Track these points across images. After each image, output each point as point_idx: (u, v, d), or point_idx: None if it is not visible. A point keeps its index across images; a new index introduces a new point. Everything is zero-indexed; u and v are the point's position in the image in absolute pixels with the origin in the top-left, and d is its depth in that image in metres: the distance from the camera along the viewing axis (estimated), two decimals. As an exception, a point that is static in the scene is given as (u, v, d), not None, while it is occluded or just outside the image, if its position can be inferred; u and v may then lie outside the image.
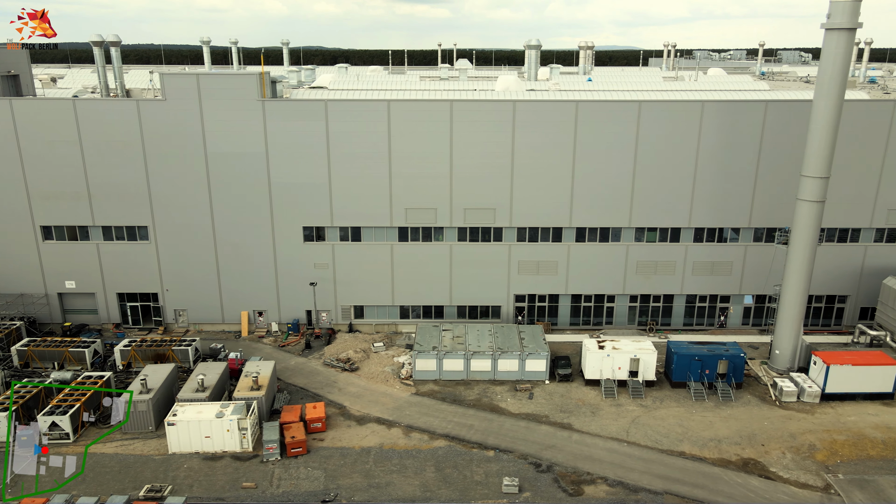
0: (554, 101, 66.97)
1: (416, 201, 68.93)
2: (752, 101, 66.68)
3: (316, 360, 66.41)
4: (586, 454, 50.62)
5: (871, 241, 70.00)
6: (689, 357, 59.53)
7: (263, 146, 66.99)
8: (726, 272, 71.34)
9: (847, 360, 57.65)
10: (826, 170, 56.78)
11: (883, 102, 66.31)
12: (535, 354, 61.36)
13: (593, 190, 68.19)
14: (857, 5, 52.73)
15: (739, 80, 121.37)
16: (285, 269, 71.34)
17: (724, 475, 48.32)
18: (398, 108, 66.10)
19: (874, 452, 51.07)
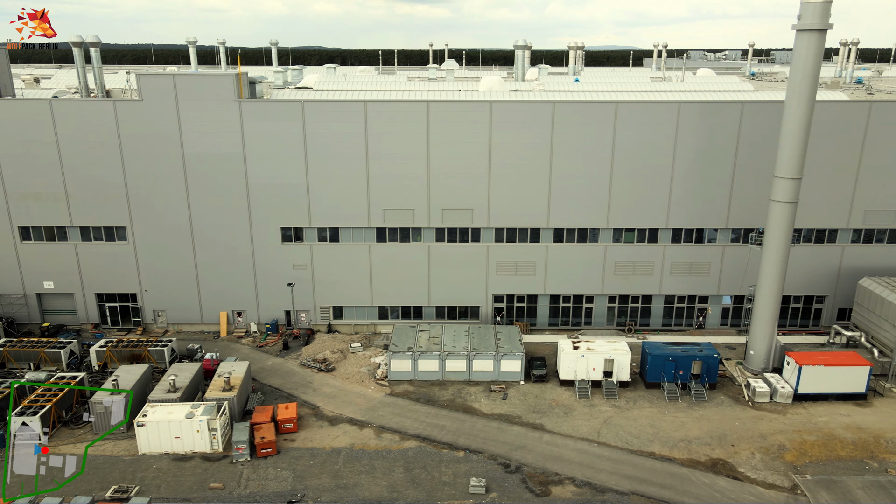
0: (530, 101, 67.05)
1: (394, 202, 68.99)
2: (728, 101, 66.81)
3: (293, 360, 66.46)
4: (556, 455, 50.69)
5: (848, 242, 70.13)
6: (663, 357, 59.62)
7: (241, 146, 67.03)
8: (704, 273, 71.45)
9: (819, 360, 57.77)
10: (798, 171, 56.88)
11: (858, 104, 66.45)
12: (510, 355, 61.44)
13: (571, 191, 68.27)
14: (828, 7, 52.81)
15: (726, 81, 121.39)
16: (264, 270, 71.38)
17: (691, 476, 48.42)
18: (375, 108, 66.17)
19: (843, 453, 51.18)
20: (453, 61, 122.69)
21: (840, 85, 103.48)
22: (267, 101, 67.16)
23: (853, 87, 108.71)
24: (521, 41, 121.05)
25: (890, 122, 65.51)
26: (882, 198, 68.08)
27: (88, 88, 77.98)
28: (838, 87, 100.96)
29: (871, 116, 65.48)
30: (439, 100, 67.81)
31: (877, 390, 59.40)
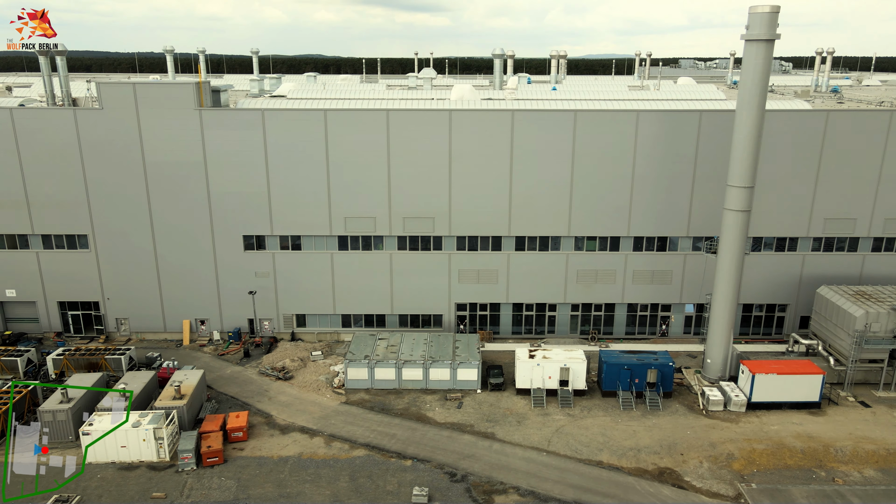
0: (489, 110, 67.32)
1: (355, 210, 69.11)
2: (686, 110, 67.15)
3: (252, 368, 66.37)
4: (504, 464, 50.59)
5: (808, 251, 70.30)
6: (619, 366, 59.62)
7: (202, 155, 67.16)
8: (666, 281, 71.54)
9: (773, 368, 57.79)
10: (750, 179, 57.10)
11: (815, 112, 66.78)
12: (467, 363, 61.41)
13: (531, 199, 68.43)
14: (775, 17, 53.17)
15: (703, 90, 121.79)
16: (226, 278, 71.38)
17: (637, 484, 48.34)
18: (335, 117, 66.38)
19: (792, 462, 51.14)
20: (431, 70, 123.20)
21: (810, 93, 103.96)
22: (227, 110, 67.38)
23: (826, 96, 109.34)
24: (499, 50, 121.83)
25: (846, 131, 65.81)
26: (841, 206, 68.29)
27: (55, 97, 78.17)
28: (808, 95, 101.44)
29: (828, 125, 65.79)
30: (399, 108, 68.05)
31: (831, 399, 59.40)
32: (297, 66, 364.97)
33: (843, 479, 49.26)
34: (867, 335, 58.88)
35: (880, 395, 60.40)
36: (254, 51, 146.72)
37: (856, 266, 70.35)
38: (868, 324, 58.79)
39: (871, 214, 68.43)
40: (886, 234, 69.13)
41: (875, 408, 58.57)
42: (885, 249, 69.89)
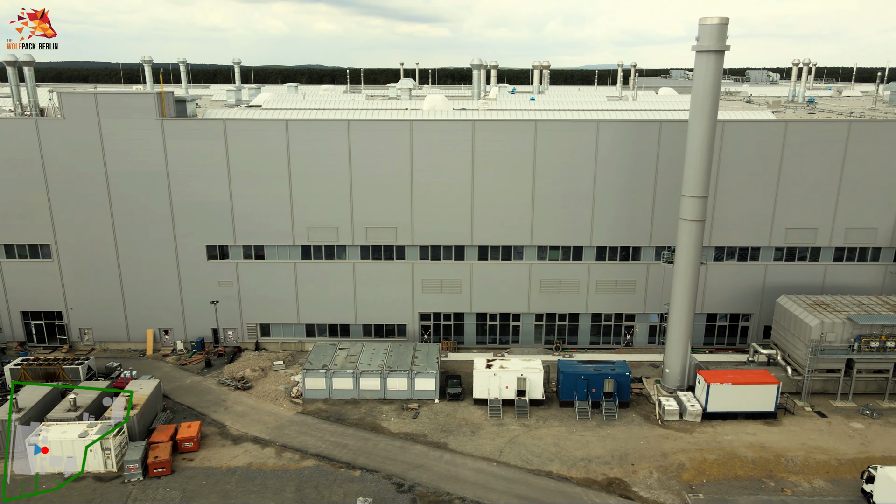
0: (450, 120, 67.69)
1: (318, 220, 69.18)
2: (647, 120, 67.42)
3: (212, 378, 66.18)
4: (452, 474, 50.39)
5: (771, 260, 70.44)
6: (575, 376, 59.52)
7: (164, 165, 67.29)
8: (630, 291, 71.57)
9: (728, 378, 57.74)
10: (703, 189, 57.28)
11: (775, 123, 67.11)
12: (424, 373, 61.29)
13: (493, 208, 68.56)
14: (724, 29, 53.55)
15: (681, 100, 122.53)
16: (189, 288, 71.32)
17: (584, 495, 48.16)
18: (296, 127, 66.61)
19: (742, 472, 50.98)
20: (410, 80, 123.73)
21: (781, 104, 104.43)
22: (189, 120, 67.58)
23: (800, 107, 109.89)
24: (478, 60, 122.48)
25: (805, 142, 66.14)
26: (802, 216, 68.47)
27: (24, 106, 78.43)
28: (780, 105, 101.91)
29: (787, 135, 66.12)
30: (359, 119, 68.28)
31: (788, 409, 59.32)
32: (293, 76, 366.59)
33: (792, 489, 49.10)
34: (822, 345, 58.89)
35: (838, 405, 60.31)
36: (235, 61, 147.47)
37: (818, 276, 70.47)
38: (823, 333, 58.81)
39: (831, 224, 68.64)
40: (848, 243, 69.31)
41: (831, 418, 58.48)
42: (846, 259, 70.03)
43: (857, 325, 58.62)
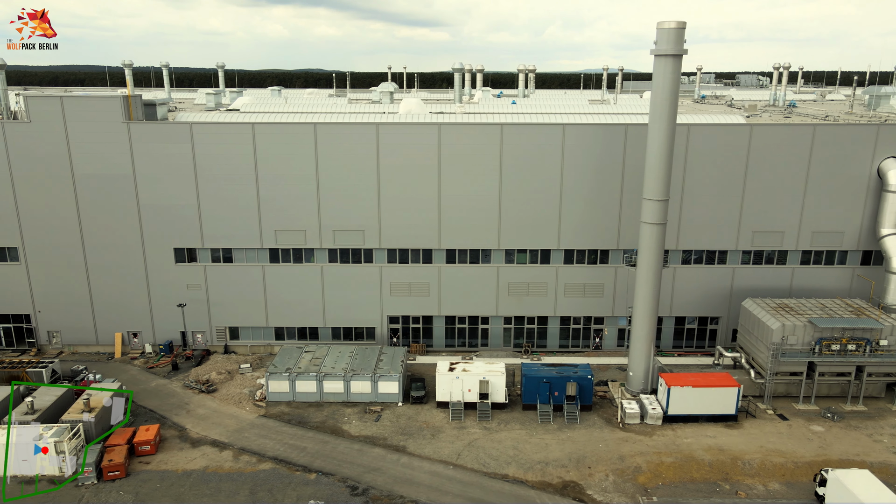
0: (416, 123, 67.76)
1: (285, 223, 69.23)
2: (613, 124, 67.55)
3: (178, 381, 66.10)
4: (408, 477, 50.35)
5: (738, 264, 70.54)
6: (538, 379, 59.54)
7: (131, 168, 67.33)
8: (598, 294, 71.65)
9: (689, 381, 57.79)
10: (664, 192, 57.40)
11: (740, 126, 67.31)
12: (388, 376, 61.28)
13: (460, 212, 68.64)
14: (681, 33, 53.73)
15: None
16: (158, 291, 71.29)
17: (538, 498, 48.14)
18: (262, 130, 66.70)
19: (698, 475, 50.99)
20: (391, 83, 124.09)
21: (758, 108, 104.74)
22: (155, 123, 67.61)
23: (776, 111, 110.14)
24: (458, 64, 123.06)
25: (770, 145, 66.32)
26: (768, 219, 68.63)
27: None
28: (756, 109, 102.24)
29: (753, 139, 66.31)
30: (326, 122, 68.30)
31: (750, 412, 59.36)
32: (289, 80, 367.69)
33: (747, 492, 49.12)
34: (784, 347, 58.99)
35: (800, 408, 60.37)
36: (219, 65, 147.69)
37: (785, 279, 70.59)
38: (785, 336, 58.91)
39: (798, 228, 68.79)
40: (814, 247, 69.46)
41: (792, 420, 58.53)
42: (813, 262, 70.18)
43: (817, 329, 58.73)
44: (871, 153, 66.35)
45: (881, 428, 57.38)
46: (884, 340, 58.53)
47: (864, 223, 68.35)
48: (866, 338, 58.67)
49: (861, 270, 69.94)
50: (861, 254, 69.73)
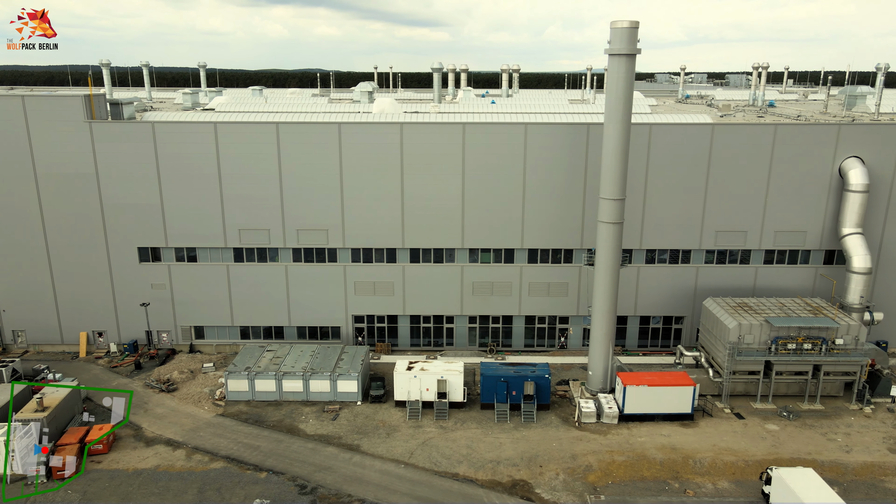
0: (378, 123, 67.78)
1: (249, 222, 69.24)
2: (574, 123, 67.60)
3: (139, 380, 66.09)
4: (358, 476, 50.39)
5: (702, 263, 70.62)
6: (495, 378, 59.57)
7: (93, 167, 67.33)
8: (563, 293, 71.71)
9: (645, 380, 57.86)
10: (620, 191, 57.46)
11: (702, 126, 67.37)
12: (346, 375, 61.31)
13: (424, 211, 68.67)
14: (634, 32, 53.79)
15: (642, 103, 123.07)
16: (122, 290, 71.28)
17: (485, 497, 48.18)
18: (225, 130, 66.72)
19: (648, 474, 51.06)
20: (369, 83, 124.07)
21: (731, 107, 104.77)
22: (117, 122, 67.62)
23: (749, 110, 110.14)
24: (438, 64, 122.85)
25: (732, 145, 66.41)
26: (731, 219, 68.71)
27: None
28: (730, 109, 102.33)
29: (714, 139, 66.40)
30: (288, 121, 68.35)
31: (706, 410, 59.44)
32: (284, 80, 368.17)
33: (696, 490, 49.21)
34: (740, 347, 59.07)
35: (757, 407, 60.47)
36: (201, 64, 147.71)
37: (749, 279, 70.69)
38: (741, 335, 58.99)
39: (761, 227, 68.88)
40: (777, 246, 69.56)
41: (748, 419, 58.62)
42: (776, 262, 70.28)
43: (773, 328, 58.82)
44: (832, 153, 66.47)
45: (836, 427, 57.49)
46: (840, 340, 58.64)
47: (826, 223, 68.48)
48: (822, 337, 58.77)
49: (824, 270, 70.07)
50: (824, 253, 69.86)
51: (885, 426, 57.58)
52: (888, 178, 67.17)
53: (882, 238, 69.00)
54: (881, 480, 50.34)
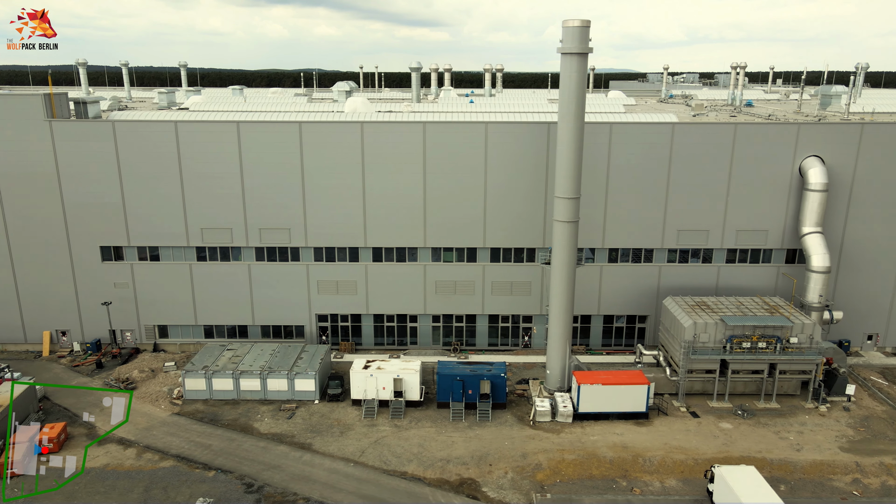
0: (339, 122, 67.76)
1: (211, 221, 69.17)
2: (536, 122, 67.65)
3: (100, 379, 66.05)
4: (306, 475, 50.38)
5: (664, 262, 70.67)
6: (451, 377, 59.57)
7: (54, 166, 67.26)
8: (526, 292, 71.71)
9: (599, 379, 57.90)
10: (575, 190, 57.50)
11: (662, 125, 67.44)
12: (304, 374, 61.30)
13: (385, 210, 68.66)
14: (586, 31, 53.81)
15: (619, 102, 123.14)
16: (85, 289, 71.21)
17: (430, 495, 48.20)
18: (186, 129, 66.68)
19: (597, 472, 51.09)
20: (346, 83, 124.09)
21: (703, 108, 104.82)
22: (77, 121, 67.60)
23: (726, 110, 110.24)
24: (416, 63, 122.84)
25: (692, 144, 66.45)
26: (693, 217, 68.74)
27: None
28: (702, 108, 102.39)
29: (675, 138, 66.45)
30: (248, 120, 68.36)
31: (662, 409, 59.49)
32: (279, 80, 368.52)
33: (643, 488, 49.25)
34: (696, 345, 59.13)
35: (714, 406, 60.52)
36: (181, 64, 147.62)
37: (711, 277, 70.75)
38: (696, 334, 59.05)
39: (722, 226, 68.92)
40: (739, 245, 69.61)
41: (703, 418, 58.67)
42: (738, 261, 70.34)
43: (728, 326, 58.88)
44: (792, 152, 66.56)
45: (790, 425, 57.57)
46: (794, 338, 58.71)
47: (787, 222, 68.56)
48: (777, 336, 58.83)
49: (786, 269, 70.14)
50: (786, 252, 69.93)
51: (838, 425, 57.68)
52: (848, 178, 67.28)
53: (843, 237, 69.10)
54: (829, 479, 50.43)
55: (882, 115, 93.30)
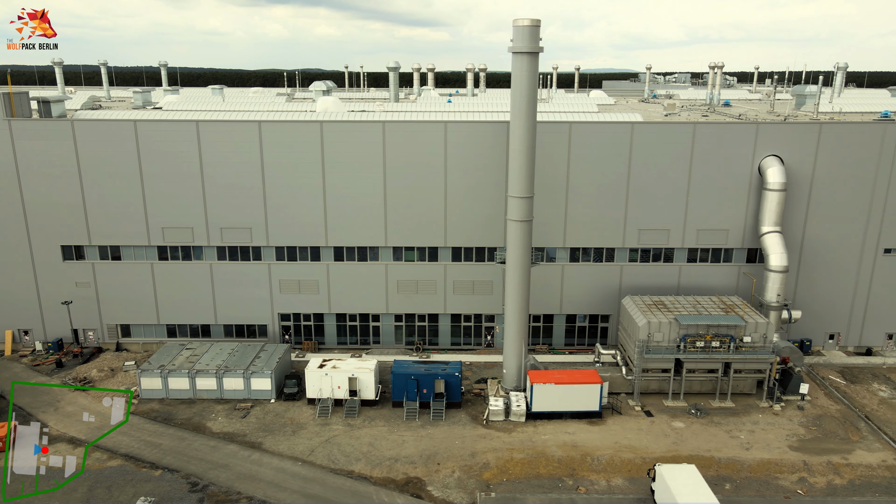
0: (298, 121, 68.01)
1: (172, 220, 69.14)
2: (495, 122, 67.68)
3: (58, 378, 66.00)
4: (252, 474, 50.35)
5: (626, 261, 70.73)
6: (406, 376, 59.56)
7: (13, 165, 67.19)
8: (488, 292, 71.73)
9: (552, 378, 57.91)
10: (528, 189, 57.51)
11: (621, 124, 67.49)
12: (260, 373, 61.29)
13: (346, 209, 68.66)
14: (536, 31, 53.85)
15: (598, 102, 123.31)
16: (46, 289, 71.14)
17: (374, 494, 48.20)
18: (146, 128, 66.63)
19: (545, 471, 51.10)
20: (322, 83, 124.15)
21: (676, 107, 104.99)
22: (37, 121, 67.57)
23: (699, 110, 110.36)
24: (394, 63, 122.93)
25: (652, 143, 66.54)
26: (653, 217, 68.82)
27: None
28: (675, 108, 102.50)
29: (634, 137, 66.51)
30: (208, 119, 68.33)
31: (616, 408, 59.52)
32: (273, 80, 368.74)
33: (588, 487, 49.28)
34: (650, 344, 59.18)
35: (668, 405, 60.57)
36: (162, 63, 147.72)
37: (673, 277, 70.82)
38: (650, 333, 59.11)
39: (683, 226, 69.01)
40: (700, 244, 69.70)
41: (657, 417, 58.72)
42: (699, 260, 70.43)
43: (682, 326, 58.94)
44: (751, 151, 66.66)
45: (742, 424, 57.63)
46: (747, 337, 58.79)
47: (747, 221, 68.67)
48: (731, 335, 58.91)
49: (747, 268, 70.23)
50: (746, 251, 70.03)
51: (791, 423, 57.76)
52: (807, 177, 67.39)
53: (803, 237, 69.22)
54: (775, 477, 50.48)
55: (851, 115, 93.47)
